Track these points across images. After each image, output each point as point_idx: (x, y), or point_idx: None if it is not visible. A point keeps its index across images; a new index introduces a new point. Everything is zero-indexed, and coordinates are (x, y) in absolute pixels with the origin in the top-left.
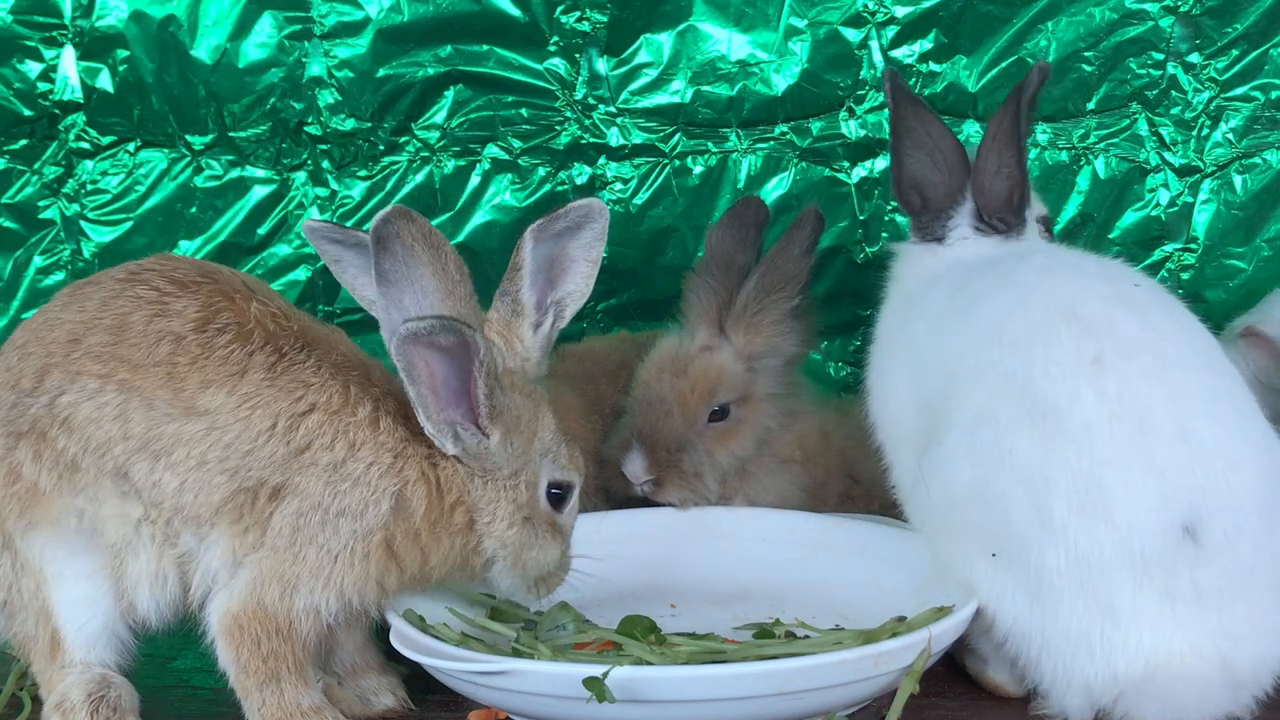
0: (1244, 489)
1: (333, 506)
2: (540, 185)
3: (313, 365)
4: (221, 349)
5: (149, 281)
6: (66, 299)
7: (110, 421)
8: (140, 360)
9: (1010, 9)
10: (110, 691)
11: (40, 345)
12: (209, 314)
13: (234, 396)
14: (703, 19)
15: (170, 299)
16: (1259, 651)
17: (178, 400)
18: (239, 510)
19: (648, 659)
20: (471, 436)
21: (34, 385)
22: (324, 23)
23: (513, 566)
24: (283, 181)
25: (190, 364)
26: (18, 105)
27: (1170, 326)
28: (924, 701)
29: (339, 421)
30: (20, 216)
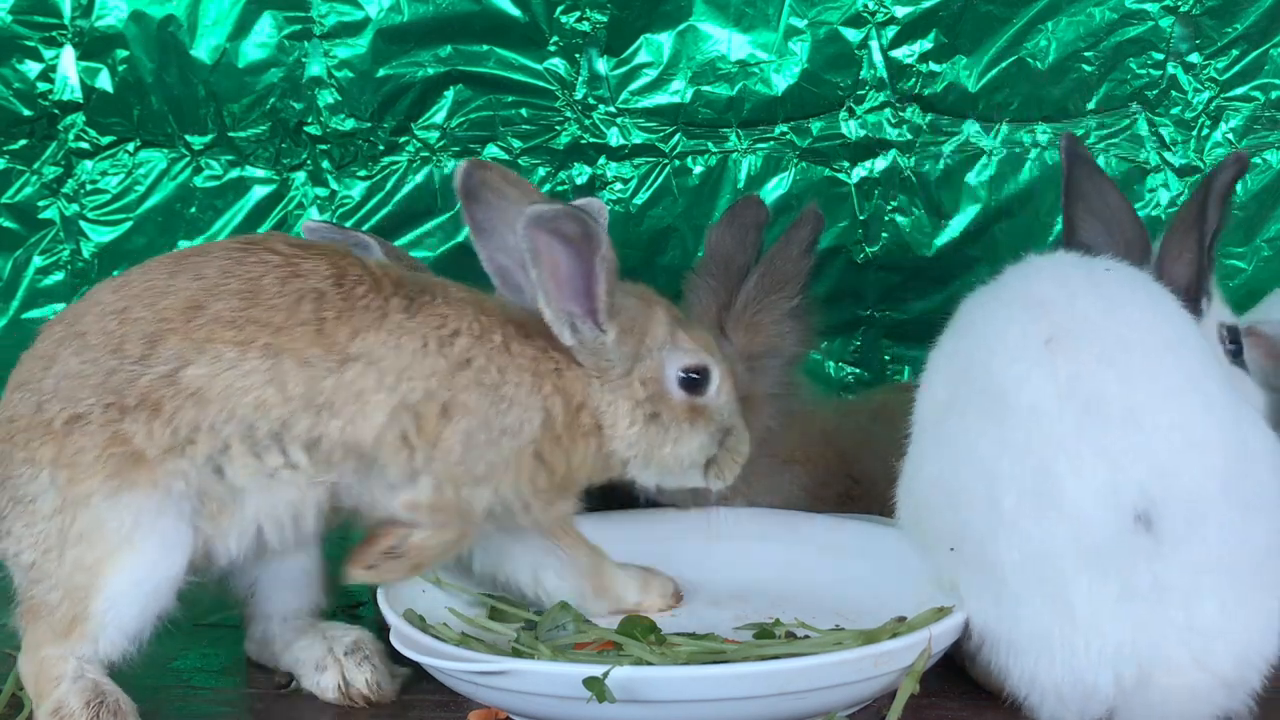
0: (1207, 476)
1: (496, 425)
2: (540, 185)
3: (442, 302)
4: (361, 299)
5: (270, 247)
6: (172, 266)
7: (262, 388)
8: (282, 322)
9: (1010, 9)
10: (108, 698)
11: (149, 310)
12: (341, 269)
13: (381, 333)
14: (703, 19)
15: (298, 260)
16: (1239, 649)
17: (331, 354)
18: (403, 434)
19: (648, 659)
20: (590, 331)
21: (144, 353)
22: (324, 23)
23: (646, 464)
24: (282, 181)
25: (337, 317)
26: (17, 105)
27: (1137, 309)
28: (924, 702)
29: (484, 346)
30: (20, 216)
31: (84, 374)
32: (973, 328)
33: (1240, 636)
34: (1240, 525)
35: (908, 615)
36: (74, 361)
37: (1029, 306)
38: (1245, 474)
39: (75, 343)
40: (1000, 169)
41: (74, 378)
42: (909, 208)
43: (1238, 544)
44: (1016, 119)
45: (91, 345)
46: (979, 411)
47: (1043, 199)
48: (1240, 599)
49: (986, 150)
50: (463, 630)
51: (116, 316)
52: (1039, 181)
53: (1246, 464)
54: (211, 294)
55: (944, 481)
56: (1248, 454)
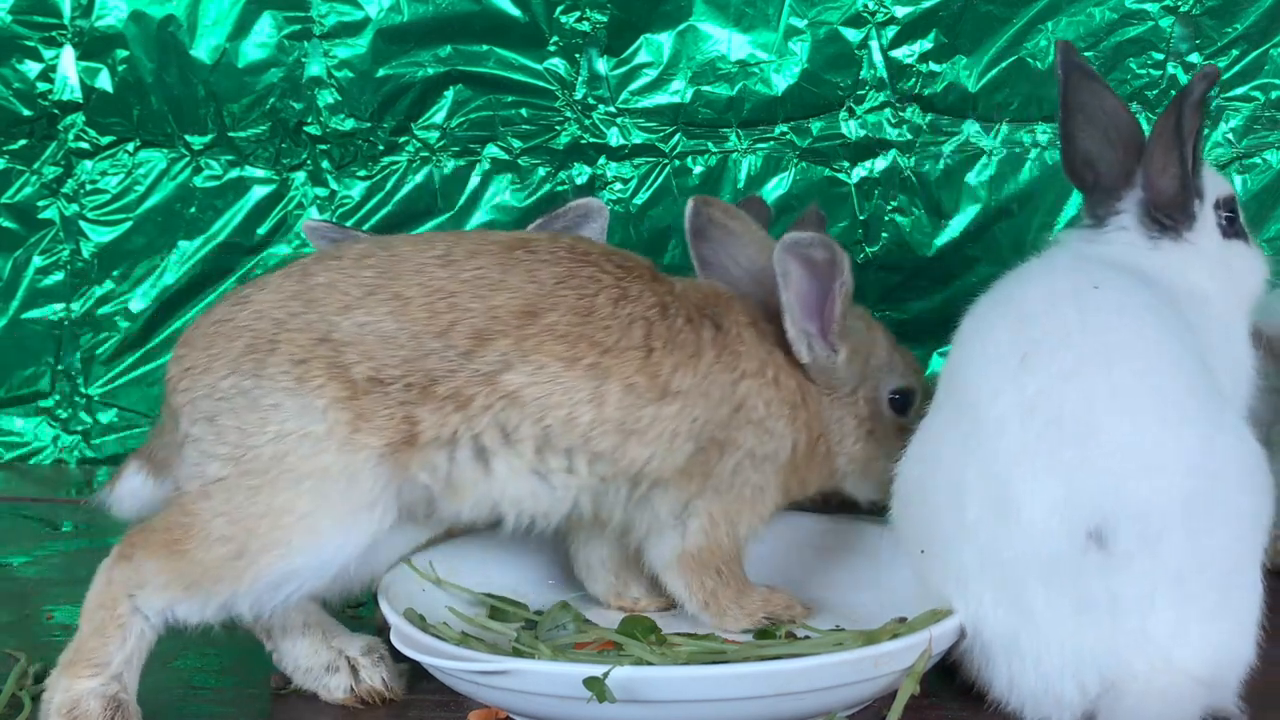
0: (1163, 494)
1: (759, 452)
2: (540, 185)
3: (735, 334)
4: (681, 333)
5: (598, 264)
6: (502, 258)
7: (582, 405)
8: (612, 344)
9: (1010, 9)
10: (128, 705)
11: (481, 304)
12: (664, 300)
13: (696, 376)
14: (703, 19)
15: (626, 283)
16: (1207, 653)
17: (654, 385)
18: (692, 468)
19: (648, 659)
20: (822, 350)
21: (471, 348)
22: (324, 23)
23: (863, 478)
24: (282, 181)
25: (662, 348)
26: (17, 105)
27: (1115, 326)
28: (924, 702)
29: (759, 383)
30: (19, 216)
31: (397, 341)
32: (965, 334)
33: (1203, 643)
34: (1201, 540)
35: (908, 616)
36: (389, 323)
37: (1012, 319)
38: (1209, 490)
39: (393, 303)
40: (1000, 169)
41: (385, 339)
42: (909, 208)
43: (1197, 559)
44: (1016, 119)
45: (414, 317)
46: (955, 419)
47: (1043, 199)
48: (1202, 611)
49: (986, 150)
50: (463, 630)
51: (446, 300)
52: (1039, 181)
53: (1212, 480)
54: (546, 302)
55: (919, 484)
56: (1214, 471)
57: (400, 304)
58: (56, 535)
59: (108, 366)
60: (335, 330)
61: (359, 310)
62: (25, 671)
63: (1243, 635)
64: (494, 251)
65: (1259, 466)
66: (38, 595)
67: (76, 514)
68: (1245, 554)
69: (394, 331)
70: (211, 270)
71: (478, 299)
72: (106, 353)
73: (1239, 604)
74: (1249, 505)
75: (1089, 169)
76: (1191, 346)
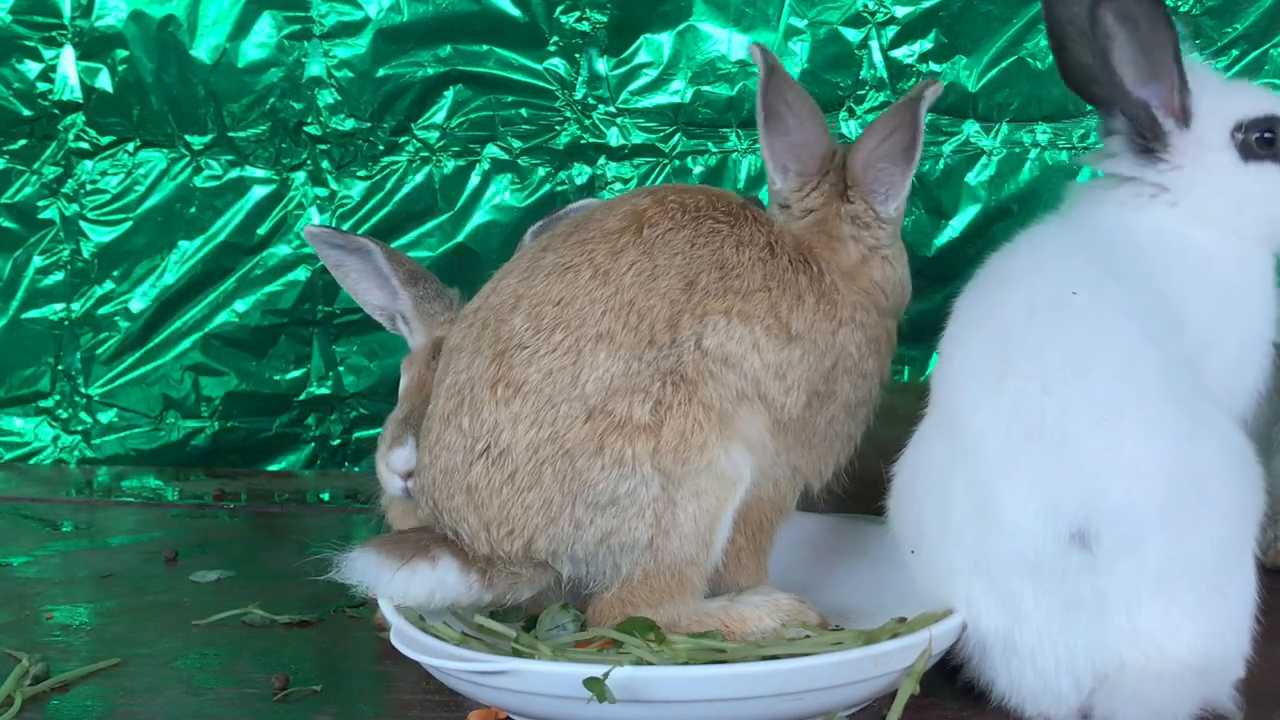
0: (1143, 498)
1: (854, 399)
2: (540, 185)
3: (830, 282)
4: (786, 273)
5: (712, 215)
6: (646, 248)
7: (749, 352)
8: (745, 289)
9: (1010, 9)
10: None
11: (655, 297)
12: (770, 240)
13: (803, 322)
14: (703, 19)
15: (739, 229)
16: (1200, 644)
17: (781, 327)
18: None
19: (648, 659)
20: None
21: (671, 337)
22: (324, 23)
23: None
24: (282, 181)
25: (778, 288)
26: (17, 105)
27: (1094, 338)
28: (924, 702)
29: (852, 329)
30: (19, 216)
31: (632, 370)
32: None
33: (1195, 635)
34: (1184, 539)
35: (908, 616)
36: (615, 364)
37: (991, 330)
38: (1189, 491)
39: (601, 344)
40: (1000, 169)
41: (625, 376)
42: (909, 208)
43: (1182, 557)
44: (1016, 119)
45: (624, 343)
46: (942, 427)
47: (1043, 199)
48: (1191, 607)
49: (986, 150)
50: (463, 630)
51: (631, 311)
52: (1039, 181)
53: (1192, 481)
54: (693, 269)
55: (910, 487)
56: (1194, 472)
57: (608, 343)
58: (56, 535)
59: (108, 366)
60: (588, 400)
61: (582, 371)
62: (25, 671)
63: (1235, 628)
64: (628, 241)
65: (1243, 463)
66: (38, 595)
67: (77, 514)
68: (1232, 549)
69: (624, 366)
70: (211, 270)
71: (650, 293)
72: (107, 353)
73: (1229, 598)
74: (1234, 502)
75: (1092, 82)
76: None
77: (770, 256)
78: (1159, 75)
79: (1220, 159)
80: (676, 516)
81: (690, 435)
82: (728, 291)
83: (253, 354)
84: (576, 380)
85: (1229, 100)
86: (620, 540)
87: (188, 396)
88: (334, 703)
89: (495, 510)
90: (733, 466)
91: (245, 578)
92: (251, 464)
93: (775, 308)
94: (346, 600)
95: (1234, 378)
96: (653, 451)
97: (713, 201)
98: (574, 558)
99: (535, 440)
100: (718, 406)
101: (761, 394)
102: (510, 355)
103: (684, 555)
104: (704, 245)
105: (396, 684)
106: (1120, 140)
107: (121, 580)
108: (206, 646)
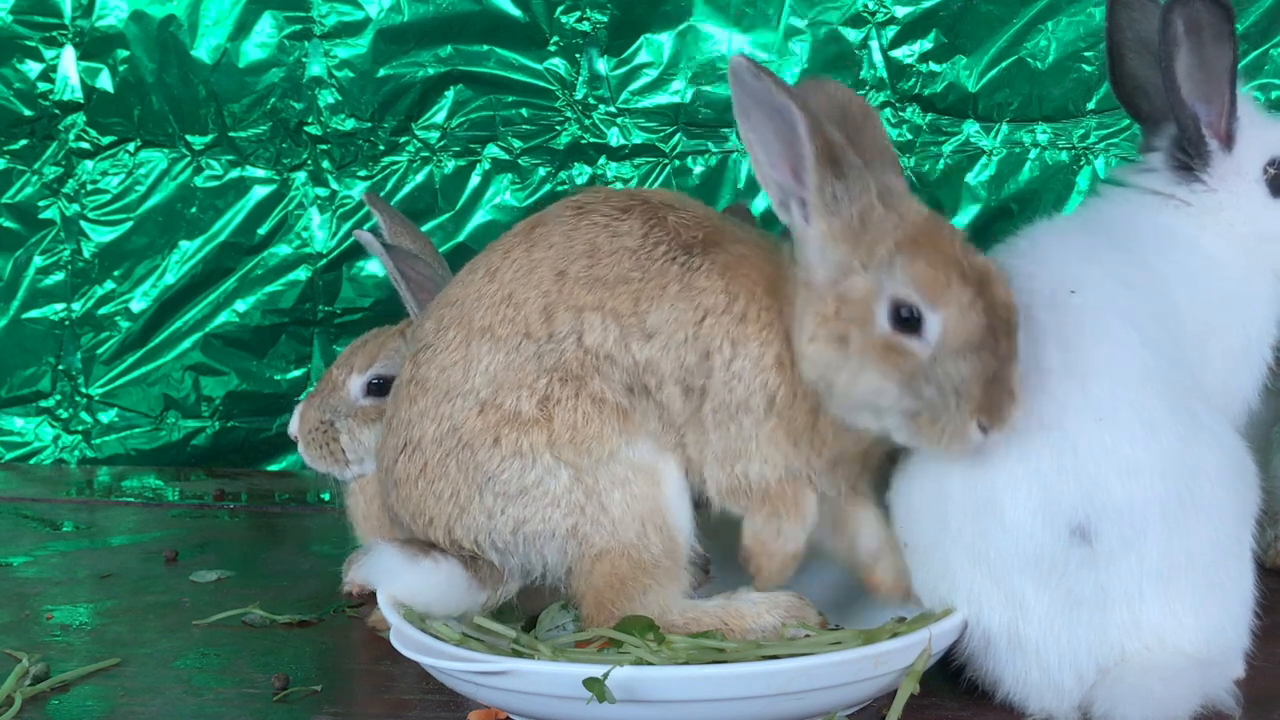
0: (1141, 495)
1: (728, 402)
2: (540, 185)
3: (703, 268)
4: (660, 263)
5: (598, 209)
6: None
7: (616, 344)
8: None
9: (1010, 9)
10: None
11: (531, 289)
12: (654, 229)
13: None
14: (703, 19)
15: (617, 221)
16: (1201, 638)
17: (639, 322)
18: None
19: (648, 659)
20: (799, 214)
21: (550, 329)
22: (324, 23)
23: (828, 395)
24: (283, 181)
25: (644, 279)
26: (18, 105)
27: (1091, 339)
28: (924, 702)
29: (736, 323)
30: (20, 216)
31: (513, 363)
32: None
33: (1196, 628)
34: (1183, 536)
35: (908, 615)
36: (496, 356)
37: None
38: (1187, 489)
39: (485, 339)
40: (1000, 169)
41: (508, 369)
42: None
43: (1180, 554)
44: (1016, 119)
45: (500, 337)
46: None
47: (1043, 199)
48: (1190, 602)
49: (986, 150)
50: (463, 630)
51: (511, 305)
52: (1039, 181)
53: (1189, 480)
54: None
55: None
56: (1191, 470)
57: (489, 335)
58: (56, 535)
59: (108, 366)
60: (479, 394)
61: (472, 365)
62: (25, 671)
63: (1234, 622)
64: (518, 240)
65: (1239, 461)
66: (38, 595)
67: (77, 514)
68: (1230, 545)
69: (506, 359)
70: (212, 270)
71: (526, 286)
72: (107, 353)
73: (1229, 592)
74: (1230, 499)
75: (1141, 96)
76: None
77: (643, 245)
78: (1212, 95)
79: (1252, 190)
80: (602, 503)
81: (582, 427)
82: (595, 282)
83: (253, 354)
84: (467, 374)
85: (1268, 133)
86: (534, 529)
87: (188, 396)
88: (334, 703)
89: (415, 502)
90: (641, 457)
91: (245, 578)
92: (251, 464)
93: (637, 300)
94: (346, 600)
95: (1228, 382)
96: (549, 443)
97: (613, 199)
98: (495, 547)
99: (438, 434)
100: (611, 400)
101: (643, 387)
102: (419, 355)
103: (625, 541)
104: (580, 236)
105: (396, 684)
106: (1159, 157)
107: (121, 580)
108: (206, 646)
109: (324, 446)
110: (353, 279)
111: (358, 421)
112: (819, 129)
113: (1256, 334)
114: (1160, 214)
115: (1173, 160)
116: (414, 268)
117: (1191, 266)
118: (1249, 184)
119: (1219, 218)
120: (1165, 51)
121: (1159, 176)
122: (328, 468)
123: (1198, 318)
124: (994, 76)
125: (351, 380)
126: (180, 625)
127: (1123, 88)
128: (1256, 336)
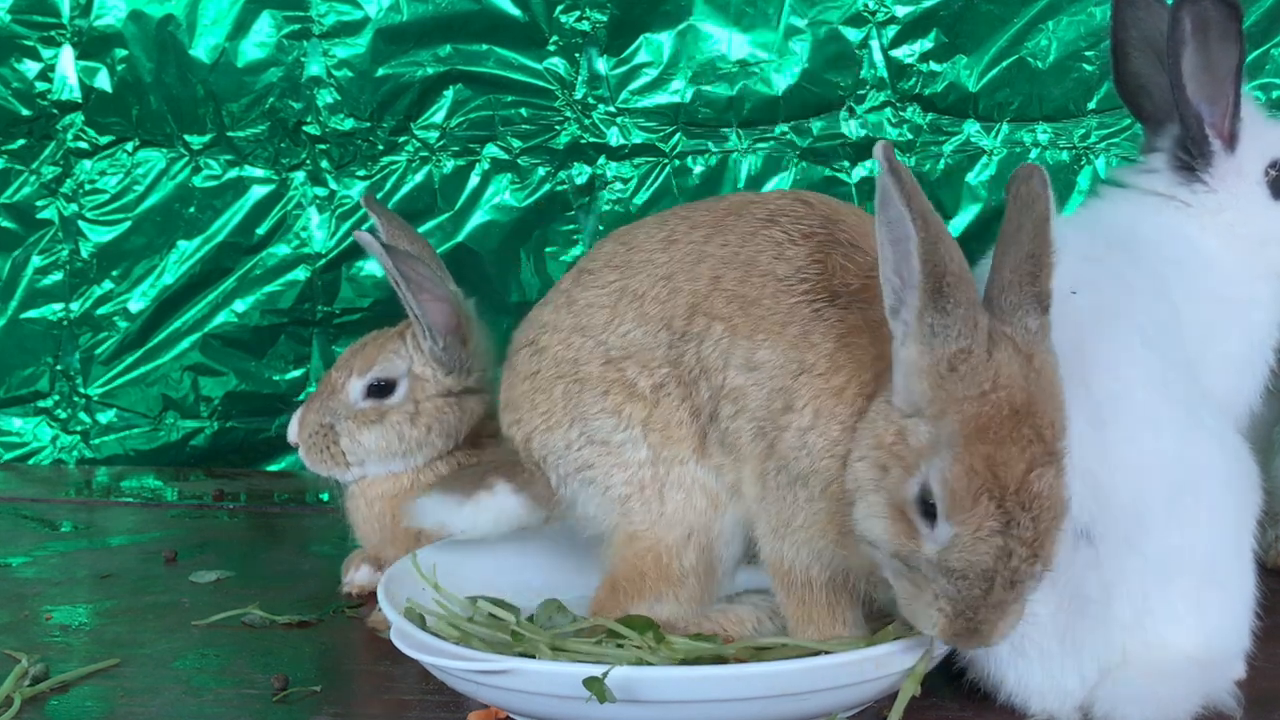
0: (1145, 496)
1: (794, 466)
2: (540, 185)
3: (835, 325)
4: (797, 301)
5: (783, 225)
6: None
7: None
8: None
9: (1010, 9)
10: None
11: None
12: (815, 263)
13: None
14: (703, 19)
15: (795, 245)
16: (1201, 638)
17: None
18: None
19: (648, 659)
20: (900, 330)
21: (685, 328)
22: (323, 22)
23: (852, 508)
24: (281, 181)
25: (774, 309)
26: (16, 105)
27: (1091, 335)
28: (925, 703)
29: (829, 388)
30: (18, 216)
31: (648, 345)
32: None
33: (1197, 628)
34: (1185, 536)
35: None
36: (638, 330)
37: None
38: (1189, 490)
39: (635, 306)
40: (1000, 169)
41: (642, 348)
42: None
43: (1183, 553)
44: (1017, 119)
45: (648, 315)
46: None
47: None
48: (1192, 602)
49: (986, 150)
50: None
51: (668, 285)
52: None
53: (1191, 481)
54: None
55: None
56: (1193, 471)
57: (640, 305)
58: (56, 535)
59: (107, 366)
60: (609, 348)
61: (616, 320)
62: (24, 672)
63: (1236, 622)
64: (706, 219)
65: (1240, 462)
66: (37, 595)
67: (76, 514)
68: (1231, 545)
69: (643, 339)
70: (211, 270)
71: (689, 277)
72: (106, 353)
73: (1230, 592)
74: (1231, 500)
75: (1144, 95)
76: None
77: (790, 276)
78: (1216, 95)
79: (1253, 191)
80: (662, 494)
81: (674, 428)
82: (736, 297)
83: (252, 354)
84: (607, 326)
85: (1270, 135)
86: (593, 477)
87: (187, 396)
88: (334, 703)
89: (516, 395)
90: (709, 481)
91: (245, 578)
92: (251, 464)
93: (756, 329)
94: (346, 600)
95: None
96: (645, 420)
97: (806, 219)
98: (557, 472)
99: (561, 356)
100: (701, 418)
101: (715, 414)
102: (582, 275)
103: (664, 538)
104: (749, 247)
105: (396, 684)
106: (1161, 158)
107: (121, 580)
108: (206, 647)
109: (324, 450)
110: (352, 279)
111: (358, 424)
112: (932, 253)
113: (1257, 336)
114: (1161, 215)
115: (1175, 160)
116: (413, 268)
117: (1192, 268)
118: (1250, 185)
119: (1219, 219)
120: (1173, 49)
121: (1160, 177)
122: (329, 471)
123: (1198, 319)
124: (994, 76)
125: (351, 383)
126: (180, 625)
127: (1126, 87)
128: (1257, 339)
